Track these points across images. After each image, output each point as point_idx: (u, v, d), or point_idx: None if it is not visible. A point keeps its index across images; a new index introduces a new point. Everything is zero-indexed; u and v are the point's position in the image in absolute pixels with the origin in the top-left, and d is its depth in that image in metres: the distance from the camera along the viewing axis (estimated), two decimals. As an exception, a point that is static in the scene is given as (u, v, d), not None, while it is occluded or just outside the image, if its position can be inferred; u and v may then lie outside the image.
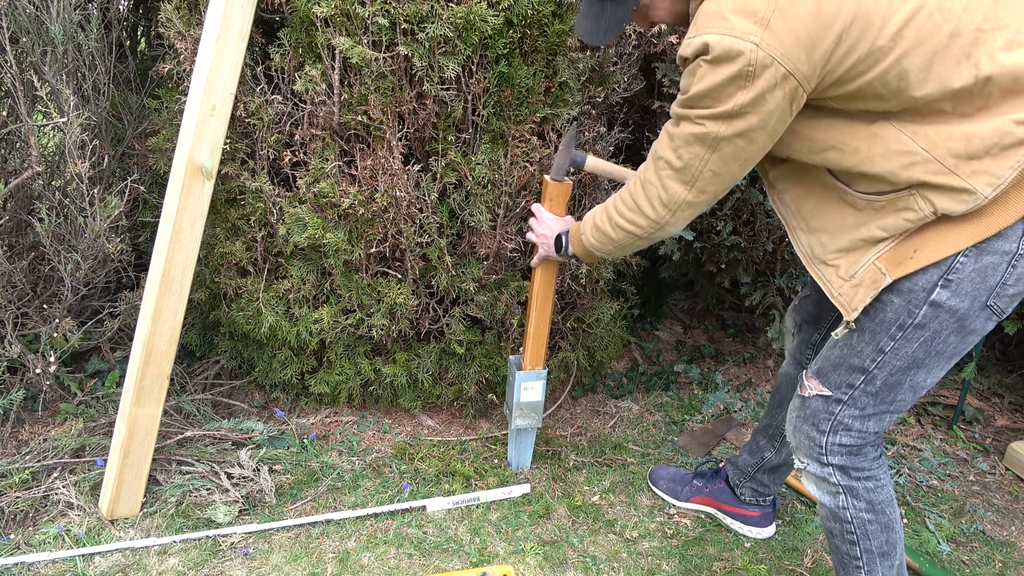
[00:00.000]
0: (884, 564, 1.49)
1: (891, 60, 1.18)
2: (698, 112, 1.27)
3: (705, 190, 1.36)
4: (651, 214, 1.43)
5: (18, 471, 1.94)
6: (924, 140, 1.22)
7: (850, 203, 1.34)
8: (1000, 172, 1.19)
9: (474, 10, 1.80)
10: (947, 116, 1.21)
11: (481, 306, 2.18)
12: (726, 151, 1.29)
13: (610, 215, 1.53)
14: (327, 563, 1.81)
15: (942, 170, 1.21)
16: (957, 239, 1.24)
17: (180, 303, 1.81)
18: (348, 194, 1.96)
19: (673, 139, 1.34)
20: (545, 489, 2.13)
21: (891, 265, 1.30)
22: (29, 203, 2.20)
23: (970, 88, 1.18)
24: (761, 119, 1.24)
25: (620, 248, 1.57)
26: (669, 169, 1.36)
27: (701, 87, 1.24)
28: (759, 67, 1.18)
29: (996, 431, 2.59)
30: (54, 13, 1.97)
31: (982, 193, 1.20)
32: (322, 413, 2.41)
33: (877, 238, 1.31)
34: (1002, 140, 1.18)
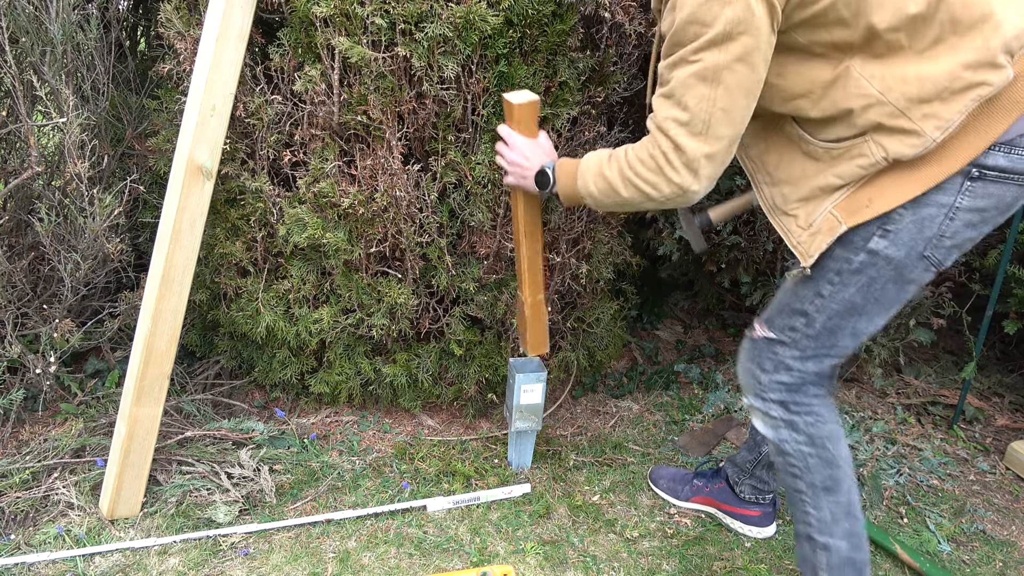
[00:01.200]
0: (828, 499, 1.52)
1: None
2: (691, 48, 1.24)
3: (720, 135, 1.30)
4: (674, 176, 1.34)
5: (18, 471, 1.94)
6: (880, 83, 1.25)
7: (810, 154, 1.38)
8: (948, 116, 1.23)
9: (474, 10, 1.80)
10: (903, 53, 1.25)
11: (481, 306, 2.18)
12: (731, 82, 1.25)
13: (622, 169, 1.42)
14: (327, 563, 1.81)
15: (895, 112, 1.25)
16: (909, 188, 1.30)
17: (180, 303, 1.81)
18: (348, 194, 1.96)
19: (673, 93, 1.30)
20: (545, 489, 2.13)
21: (847, 213, 1.35)
22: (29, 203, 2.20)
23: (923, 14, 1.21)
24: (755, 39, 1.22)
25: (623, 205, 1.47)
26: (677, 125, 1.31)
27: (684, 13, 1.23)
28: None
29: (996, 431, 2.59)
30: (53, 13, 1.97)
31: (931, 136, 1.24)
32: (322, 413, 2.41)
33: (833, 186, 1.36)
34: (952, 84, 1.22)
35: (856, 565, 1.51)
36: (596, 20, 2.10)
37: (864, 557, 1.52)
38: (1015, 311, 2.56)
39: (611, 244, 2.36)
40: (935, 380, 2.85)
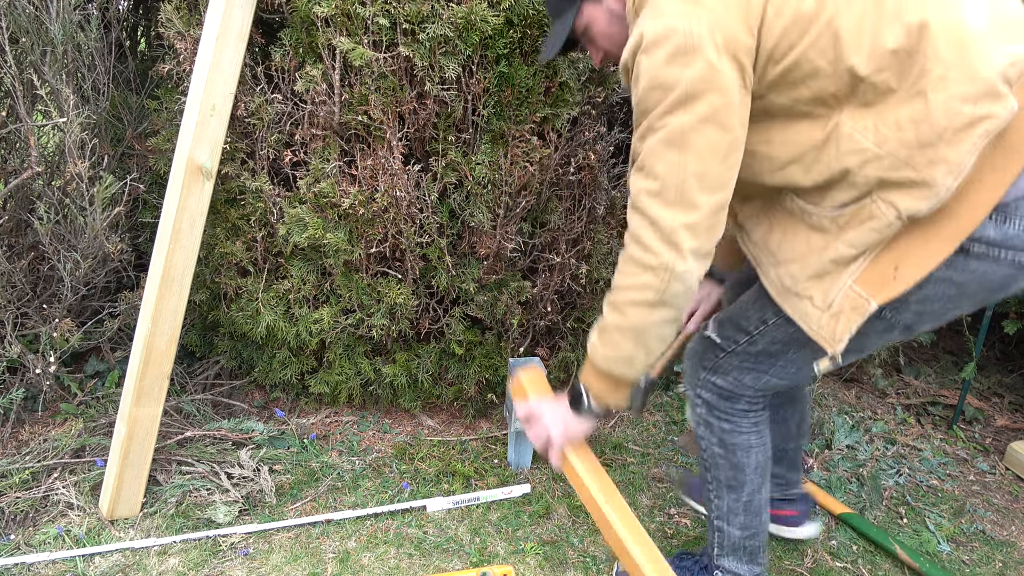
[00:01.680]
0: (730, 495, 1.57)
1: (822, 23, 1.14)
2: (655, 114, 1.18)
3: (696, 203, 1.19)
4: (651, 259, 1.22)
5: (18, 471, 1.94)
6: (875, 135, 1.15)
7: (816, 226, 1.27)
8: (957, 158, 1.11)
9: (474, 10, 1.80)
10: (894, 96, 1.14)
11: (481, 306, 2.18)
12: (700, 145, 1.16)
13: (612, 302, 1.31)
14: (327, 563, 1.81)
15: (896, 163, 1.14)
16: (937, 248, 1.17)
17: (180, 303, 1.81)
18: (348, 194, 1.96)
19: (644, 165, 1.22)
20: (545, 489, 2.13)
21: (872, 287, 1.22)
22: (29, 203, 2.20)
23: (905, 49, 1.12)
24: (723, 96, 1.15)
25: (640, 338, 1.29)
26: (649, 197, 1.21)
27: (645, 81, 1.18)
28: (696, 37, 1.13)
29: (996, 431, 2.59)
30: (54, 13, 1.97)
31: (943, 184, 1.13)
32: (322, 413, 2.41)
33: (847, 257, 1.24)
34: (952, 122, 1.11)
35: (748, 550, 1.60)
36: (596, 20, 2.10)
37: (756, 544, 1.60)
38: (1015, 311, 2.56)
39: (611, 244, 2.36)
40: (935, 380, 2.86)
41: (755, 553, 1.62)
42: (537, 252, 2.21)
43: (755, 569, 1.64)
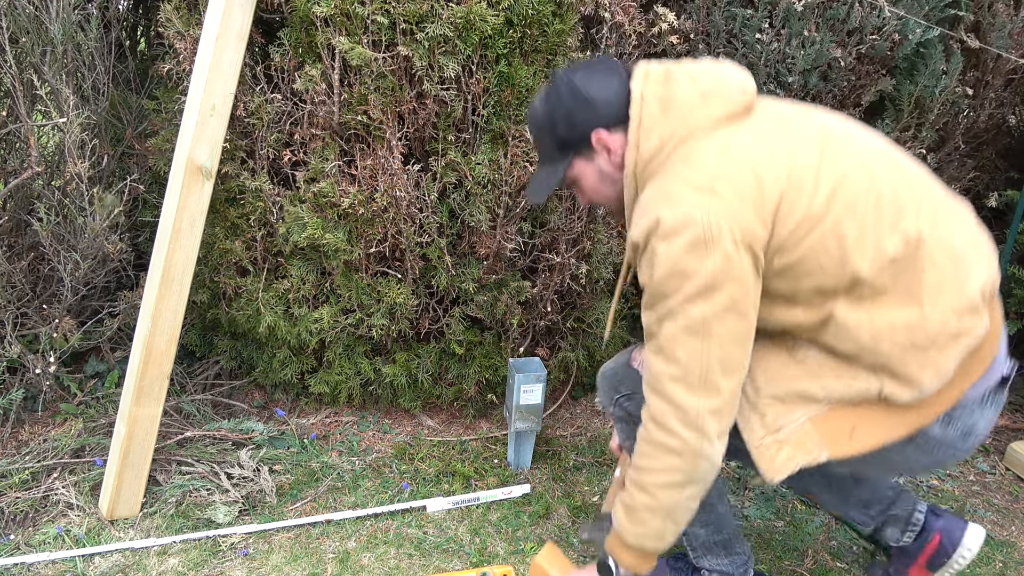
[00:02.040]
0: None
1: (828, 224, 1.19)
2: (675, 300, 1.20)
3: (719, 387, 1.22)
4: (679, 444, 1.23)
5: (18, 471, 1.94)
6: (869, 332, 1.22)
7: (798, 359, 1.30)
8: (945, 365, 1.21)
9: (474, 10, 1.80)
10: (887, 296, 1.21)
11: (481, 306, 2.18)
12: (722, 332, 1.20)
13: (637, 482, 1.30)
14: (327, 563, 1.80)
15: (892, 360, 1.22)
16: (895, 426, 1.26)
17: (180, 303, 1.81)
18: (348, 194, 1.96)
19: (663, 349, 1.24)
20: (545, 489, 2.13)
21: (827, 437, 1.28)
22: (29, 203, 2.20)
23: (903, 256, 1.20)
24: (740, 286, 1.19)
25: (671, 515, 1.30)
26: (672, 382, 1.23)
27: (663, 268, 1.20)
28: (715, 230, 1.17)
29: (996, 431, 2.59)
30: (53, 13, 1.97)
31: (928, 386, 1.22)
32: (322, 413, 2.41)
33: (815, 397, 1.28)
34: (944, 330, 1.20)
35: (720, 544, 1.61)
36: (596, 20, 2.10)
37: (725, 536, 1.61)
38: (1015, 311, 2.56)
39: (611, 244, 2.36)
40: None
41: (728, 545, 1.62)
42: (537, 252, 2.21)
43: (737, 560, 1.64)
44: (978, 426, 1.30)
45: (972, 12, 2.19)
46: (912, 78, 2.17)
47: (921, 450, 1.30)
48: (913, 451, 1.30)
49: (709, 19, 2.19)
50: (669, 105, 1.27)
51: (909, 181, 1.27)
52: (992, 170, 2.80)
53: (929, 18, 2.08)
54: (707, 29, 2.21)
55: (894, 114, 2.25)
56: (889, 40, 2.08)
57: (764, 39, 2.08)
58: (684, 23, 2.22)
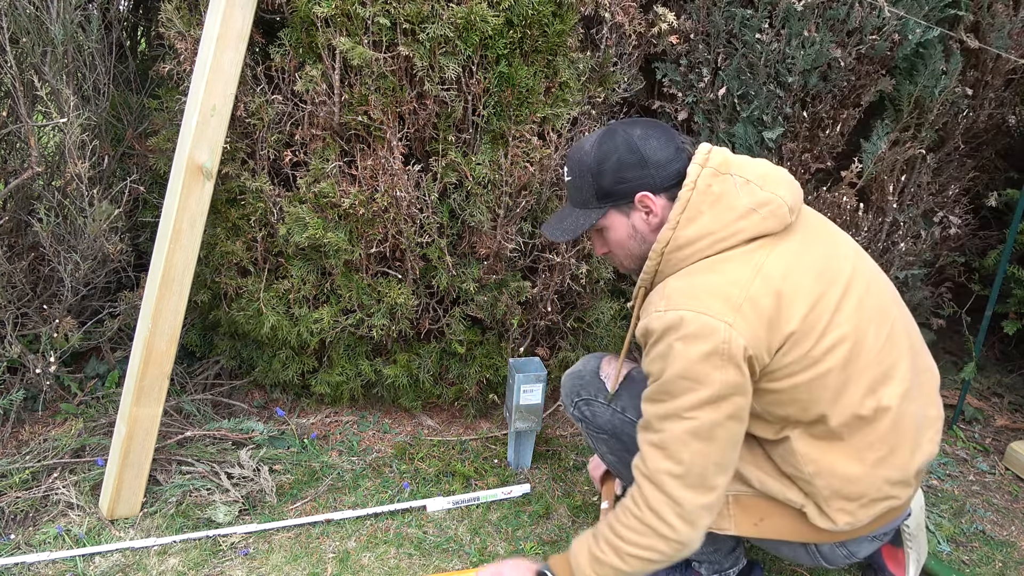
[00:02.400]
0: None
1: (818, 372, 1.28)
2: (682, 403, 1.26)
3: (714, 485, 1.30)
4: (670, 533, 1.29)
5: (18, 471, 1.94)
6: (813, 467, 1.33)
7: (750, 447, 1.41)
8: (862, 517, 1.35)
9: (474, 10, 1.80)
10: (840, 444, 1.33)
11: (481, 306, 2.18)
12: (724, 437, 1.27)
13: (614, 545, 1.34)
14: (327, 563, 1.81)
15: (819, 497, 1.35)
16: (796, 534, 1.41)
17: (180, 303, 1.81)
18: (348, 194, 1.96)
19: (666, 446, 1.29)
20: (545, 489, 2.13)
21: (739, 515, 1.43)
22: (29, 203, 2.20)
23: (868, 418, 1.32)
24: (744, 398, 1.27)
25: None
26: (671, 479, 1.28)
27: (676, 368, 1.25)
28: (732, 346, 1.23)
29: (996, 431, 2.59)
30: (54, 13, 1.97)
31: (840, 527, 1.35)
32: (322, 413, 2.41)
33: (748, 482, 1.42)
34: (873, 494, 1.34)
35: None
36: (596, 20, 2.10)
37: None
38: (1015, 311, 2.57)
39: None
40: (935, 380, 2.85)
41: (711, 533, 1.61)
42: (537, 252, 2.21)
43: (723, 547, 1.65)
44: (859, 553, 1.48)
45: (972, 12, 2.19)
46: (912, 78, 2.17)
47: (808, 554, 1.48)
48: (801, 551, 1.48)
49: (709, 19, 2.19)
50: (718, 204, 1.31)
51: (903, 346, 1.38)
52: (992, 170, 2.80)
53: (929, 18, 2.08)
54: (707, 29, 2.21)
55: (894, 114, 2.25)
56: (889, 40, 2.08)
57: (764, 39, 2.08)
58: (684, 23, 2.22)
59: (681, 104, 2.31)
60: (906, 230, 2.35)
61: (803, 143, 2.21)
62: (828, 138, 2.20)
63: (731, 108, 2.22)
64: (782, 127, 2.17)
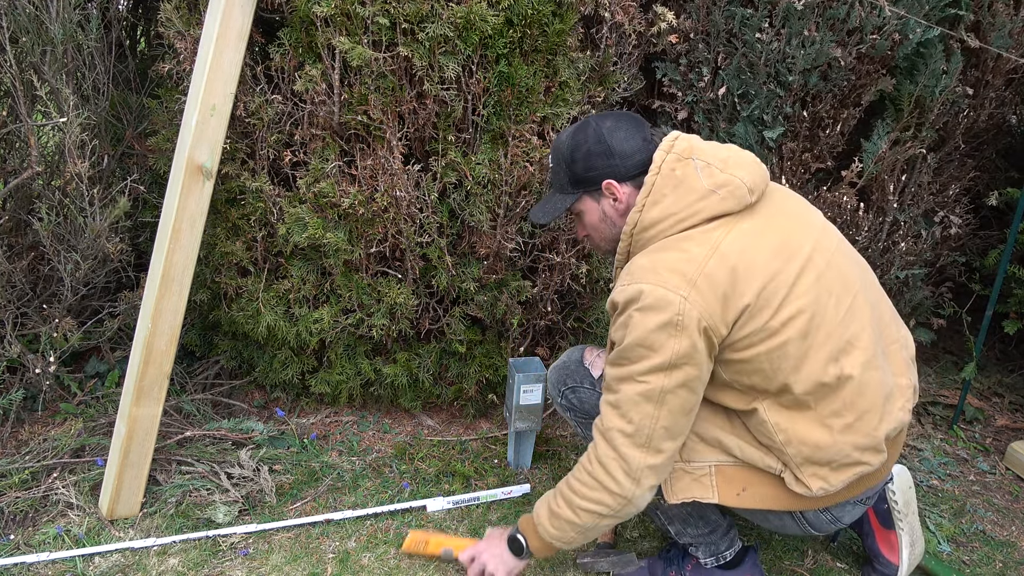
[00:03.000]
0: None
1: (777, 342, 1.36)
2: (637, 367, 1.36)
3: (661, 448, 1.40)
4: (615, 488, 1.41)
5: (18, 471, 1.94)
6: (784, 436, 1.41)
7: (729, 417, 1.49)
8: (834, 483, 1.41)
9: (474, 10, 1.80)
10: (808, 413, 1.40)
11: (481, 306, 2.18)
12: (673, 404, 1.37)
13: (568, 498, 1.48)
14: (327, 563, 1.80)
15: (791, 463, 1.42)
16: (778, 502, 1.48)
17: (180, 303, 1.81)
18: (348, 194, 1.96)
19: (620, 405, 1.40)
20: (545, 489, 2.13)
21: (722, 487, 1.48)
22: (29, 203, 2.20)
23: (832, 386, 1.38)
24: (696, 368, 1.36)
25: (585, 532, 1.50)
26: (622, 436, 1.39)
27: (634, 335, 1.35)
28: (687, 318, 1.32)
29: (996, 431, 2.59)
30: (54, 13, 1.97)
31: (815, 492, 1.42)
32: (322, 413, 2.41)
33: (729, 450, 1.48)
34: (842, 459, 1.40)
35: (693, 515, 1.65)
36: (596, 20, 2.10)
37: (691, 510, 1.64)
38: (1015, 311, 2.56)
39: (611, 244, 2.36)
40: (935, 380, 2.85)
41: (704, 515, 1.66)
42: (537, 252, 2.21)
43: (718, 529, 1.68)
44: (844, 518, 1.55)
45: (972, 12, 2.19)
46: (912, 78, 2.17)
47: (795, 523, 1.55)
48: (788, 520, 1.55)
49: (709, 18, 2.19)
50: (680, 186, 1.41)
51: (866, 318, 1.44)
52: (992, 169, 2.80)
53: (929, 18, 2.08)
54: (707, 28, 2.21)
55: (894, 113, 2.24)
56: (889, 40, 2.08)
57: (764, 38, 2.08)
58: (684, 22, 2.22)
59: (681, 103, 2.31)
60: (907, 230, 2.35)
61: (803, 143, 2.21)
62: (828, 138, 2.20)
63: (731, 107, 2.22)
64: (782, 127, 2.16)
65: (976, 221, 2.70)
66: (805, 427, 1.40)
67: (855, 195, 2.24)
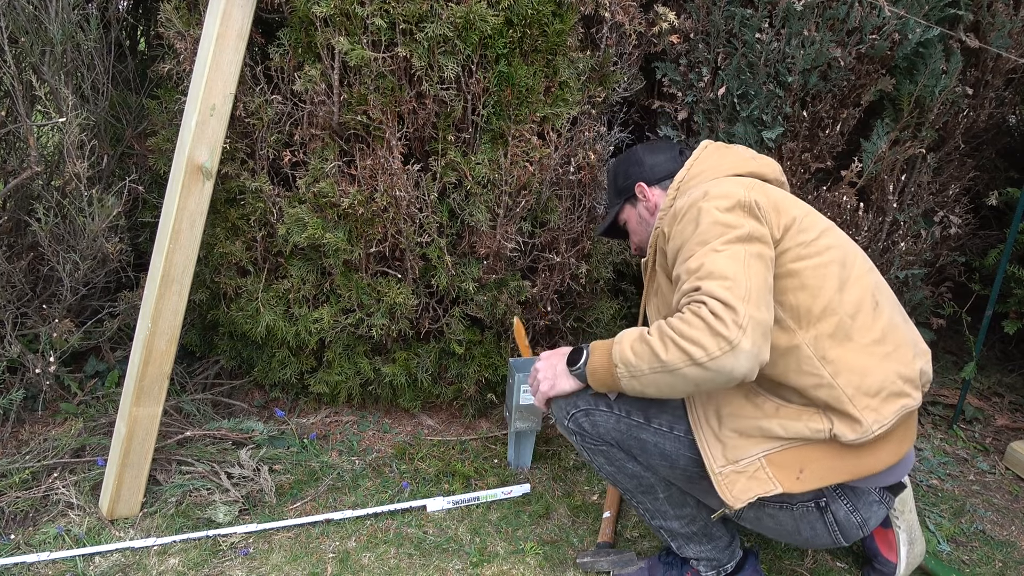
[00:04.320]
0: (648, 498, 1.64)
1: (822, 260, 1.42)
2: (719, 241, 1.35)
3: (760, 307, 1.30)
4: (721, 329, 1.26)
5: (18, 471, 1.94)
6: (831, 366, 1.39)
7: (757, 404, 1.45)
8: (886, 414, 1.39)
9: (474, 10, 1.80)
10: (851, 343, 1.41)
11: (481, 306, 2.18)
12: (756, 271, 1.33)
13: (663, 331, 1.33)
14: (327, 563, 1.81)
15: (843, 398, 1.38)
16: (839, 471, 1.43)
17: (180, 303, 1.81)
18: (348, 194, 1.96)
19: (712, 272, 1.32)
20: (545, 489, 2.13)
21: (779, 474, 1.42)
22: (28, 203, 2.20)
23: (871, 312, 1.44)
24: (769, 250, 1.38)
25: (657, 377, 1.34)
26: (725, 289, 1.29)
27: (707, 221, 1.38)
28: (753, 204, 1.40)
29: (996, 431, 2.59)
30: (53, 13, 1.97)
31: (870, 428, 1.38)
32: (322, 413, 2.41)
33: (773, 434, 1.42)
34: (889, 387, 1.40)
35: (698, 535, 1.65)
36: (596, 20, 2.10)
37: (700, 525, 1.64)
38: (1015, 311, 2.56)
39: (610, 244, 2.36)
40: (935, 380, 2.85)
41: (707, 532, 1.66)
42: (537, 252, 2.21)
43: (719, 544, 1.68)
44: (871, 520, 1.52)
45: (972, 12, 2.19)
46: (912, 78, 2.17)
47: (827, 528, 1.51)
48: (821, 528, 1.51)
49: (709, 19, 2.19)
50: (720, 157, 1.60)
51: (887, 294, 1.52)
52: (992, 169, 2.80)
53: (929, 18, 2.08)
54: (707, 28, 2.21)
55: (894, 113, 2.24)
56: (889, 40, 2.08)
57: (764, 38, 2.08)
58: (684, 23, 2.22)
59: (681, 103, 2.31)
60: (906, 230, 2.35)
61: (803, 143, 2.21)
62: (828, 138, 2.20)
63: (731, 108, 2.22)
64: (782, 127, 2.16)
65: (976, 221, 2.70)
66: (850, 355, 1.39)
67: (855, 195, 2.24)
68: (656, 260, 1.56)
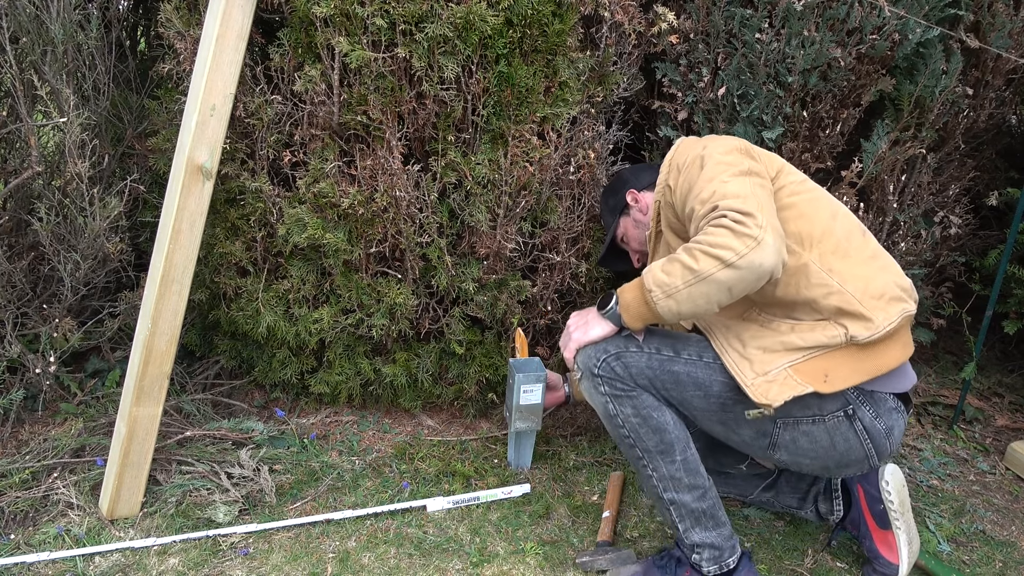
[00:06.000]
0: (665, 460, 1.64)
1: (813, 195, 1.64)
2: (723, 175, 1.52)
3: (772, 216, 1.47)
4: (745, 230, 1.40)
5: (18, 471, 1.94)
6: (839, 276, 1.54)
7: (773, 328, 1.58)
8: (891, 314, 1.54)
9: (474, 10, 1.80)
10: (850, 258, 1.58)
11: (481, 306, 2.18)
12: (762, 194, 1.51)
13: (690, 247, 1.45)
14: (327, 563, 1.81)
15: (853, 301, 1.52)
16: (859, 371, 1.53)
17: (180, 303, 1.81)
18: (348, 194, 1.96)
19: (726, 195, 1.47)
20: (545, 489, 2.13)
21: (806, 378, 1.51)
22: (29, 203, 2.20)
23: (862, 235, 1.64)
24: (769, 183, 1.58)
25: (697, 284, 1.42)
26: (741, 202, 1.45)
27: (712, 162, 1.56)
28: (748, 148, 1.63)
29: (996, 431, 2.59)
30: (54, 13, 1.97)
31: (880, 325, 1.52)
32: (322, 413, 2.41)
33: (795, 346, 1.53)
34: (889, 292, 1.56)
35: (707, 514, 1.67)
36: (596, 20, 2.10)
37: (710, 503, 1.67)
38: (1015, 311, 2.56)
39: (611, 244, 2.36)
40: (935, 380, 2.85)
41: (714, 514, 1.68)
42: (537, 251, 2.21)
43: (723, 531, 1.69)
44: (895, 430, 1.60)
45: (972, 12, 2.19)
46: (912, 78, 2.17)
47: (858, 438, 1.58)
48: (853, 439, 1.58)
49: (709, 19, 2.19)
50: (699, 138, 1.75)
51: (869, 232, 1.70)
52: (992, 169, 2.80)
53: (929, 18, 2.08)
54: (707, 29, 2.21)
55: (894, 114, 2.24)
56: (889, 40, 2.08)
57: (763, 39, 2.08)
58: (684, 23, 2.22)
59: (681, 104, 2.31)
60: (906, 230, 2.35)
61: (803, 143, 2.21)
62: (828, 138, 2.20)
63: (731, 108, 2.22)
64: (782, 127, 2.16)
65: (976, 221, 2.69)
66: (852, 267, 1.56)
67: (855, 195, 2.24)
68: (661, 221, 1.73)
